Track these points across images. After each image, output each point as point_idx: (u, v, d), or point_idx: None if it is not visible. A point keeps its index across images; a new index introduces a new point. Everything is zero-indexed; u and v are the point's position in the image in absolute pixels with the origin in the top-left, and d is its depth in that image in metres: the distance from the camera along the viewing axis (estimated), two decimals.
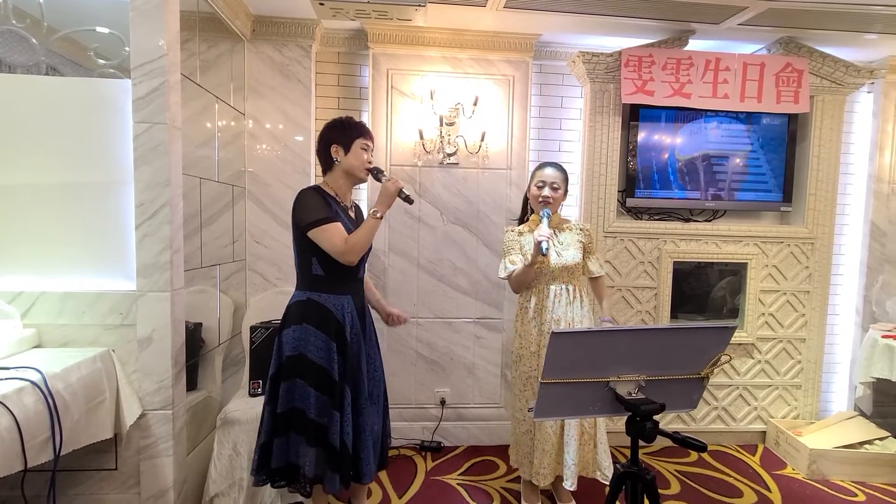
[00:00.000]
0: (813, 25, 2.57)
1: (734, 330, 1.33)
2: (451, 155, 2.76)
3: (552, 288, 2.11)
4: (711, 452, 2.88)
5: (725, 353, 1.31)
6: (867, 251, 3.01)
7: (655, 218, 2.95)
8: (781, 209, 2.94)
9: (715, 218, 2.99)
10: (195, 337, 2.22)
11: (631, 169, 2.82)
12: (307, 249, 1.79)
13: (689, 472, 2.65)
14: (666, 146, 2.85)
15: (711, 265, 3.03)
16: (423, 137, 2.71)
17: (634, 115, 2.80)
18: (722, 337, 1.30)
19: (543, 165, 2.17)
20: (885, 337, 2.69)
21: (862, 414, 2.87)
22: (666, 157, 2.86)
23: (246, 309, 2.62)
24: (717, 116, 2.84)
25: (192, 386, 2.16)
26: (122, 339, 1.73)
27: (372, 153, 1.89)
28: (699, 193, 2.88)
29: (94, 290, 1.73)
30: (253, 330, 2.28)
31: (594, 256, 2.23)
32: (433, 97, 2.71)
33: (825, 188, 2.91)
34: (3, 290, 1.70)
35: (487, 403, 2.93)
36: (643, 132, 2.82)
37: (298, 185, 2.66)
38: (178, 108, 1.79)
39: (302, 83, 2.69)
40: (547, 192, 2.10)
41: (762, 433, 3.00)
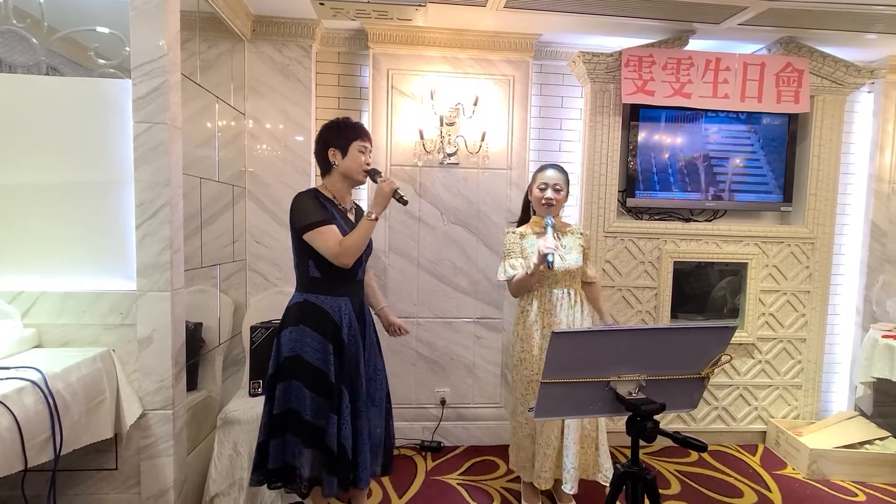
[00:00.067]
0: (813, 25, 2.57)
1: (735, 330, 1.33)
2: (451, 155, 2.76)
3: (555, 292, 2.10)
4: (712, 452, 2.88)
5: (726, 352, 1.31)
6: (867, 251, 3.01)
7: (656, 218, 2.95)
8: (782, 209, 2.94)
9: (715, 218, 2.99)
10: (195, 337, 2.22)
11: (631, 169, 2.82)
12: (304, 252, 1.79)
13: (689, 472, 2.65)
14: (666, 146, 2.85)
15: (712, 265, 3.03)
16: (423, 137, 2.71)
17: (635, 115, 2.80)
18: (722, 337, 1.30)
19: (545, 167, 2.16)
20: (885, 337, 2.69)
21: (862, 414, 2.87)
22: (666, 157, 2.86)
23: (246, 309, 2.62)
24: (717, 116, 2.84)
25: (192, 386, 2.16)
26: (122, 338, 1.74)
27: (370, 154, 1.88)
28: (699, 193, 2.88)
29: (94, 289, 1.73)
30: (253, 330, 2.29)
31: (590, 261, 2.26)
32: (433, 97, 2.71)
33: (825, 188, 2.90)
34: (3, 289, 1.70)
35: (487, 403, 2.93)
36: (643, 132, 2.82)
37: (298, 185, 2.68)
38: (178, 107, 1.79)
39: (302, 83, 2.69)
40: (550, 193, 2.09)
41: (762, 433, 3.00)
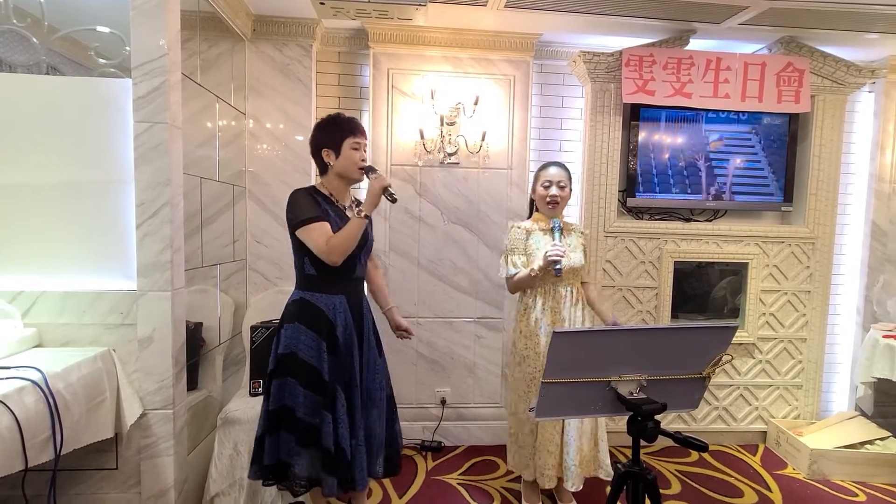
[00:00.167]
0: (814, 25, 2.57)
1: (735, 330, 1.33)
2: (451, 154, 2.75)
3: (559, 289, 2.11)
4: (712, 452, 2.87)
5: (727, 352, 1.31)
6: (868, 251, 3.01)
7: (656, 218, 2.95)
8: (782, 209, 2.94)
9: (716, 218, 2.99)
10: (196, 336, 2.23)
11: (631, 169, 2.82)
12: (300, 249, 1.79)
13: (689, 472, 2.65)
14: (666, 146, 2.85)
15: (712, 265, 3.03)
16: (423, 137, 2.70)
17: (635, 114, 2.80)
18: (723, 337, 1.30)
19: (547, 165, 2.17)
20: (886, 337, 2.69)
21: (863, 414, 2.87)
22: (666, 156, 2.86)
23: (246, 308, 2.62)
24: (717, 116, 2.84)
25: (192, 385, 2.16)
26: (122, 338, 1.74)
27: (365, 149, 1.85)
28: (700, 193, 2.87)
29: (94, 289, 1.73)
30: (253, 329, 2.28)
31: (587, 261, 2.27)
32: (434, 97, 2.71)
33: (826, 188, 2.90)
34: (3, 289, 1.70)
35: (488, 403, 2.93)
36: (644, 132, 2.82)
37: (299, 184, 2.63)
38: (178, 107, 1.79)
39: (302, 83, 2.69)
40: (554, 190, 2.10)
41: (763, 433, 3.00)
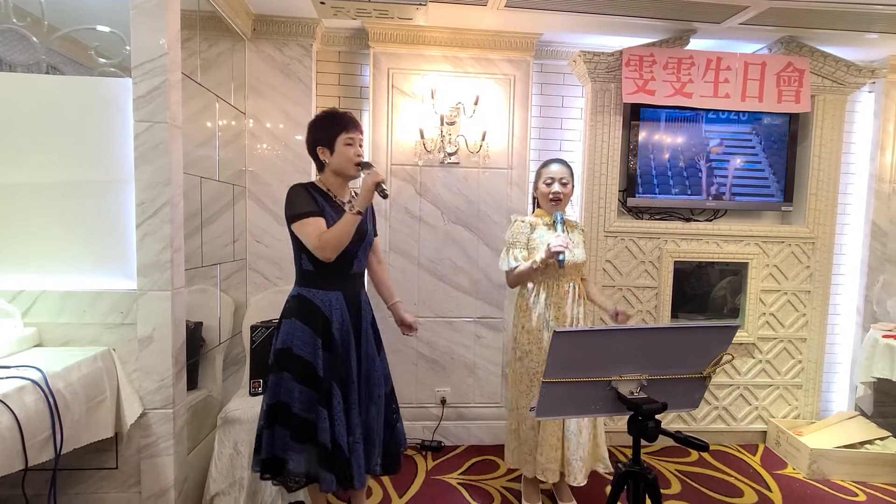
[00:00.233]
0: (814, 25, 2.57)
1: (736, 329, 1.34)
2: (451, 154, 2.75)
3: (563, 285, 2.12)
4: (712, 452, 2.87)
5: (727, 352, 1.31)
6: (868, 251, 3.01)
7: (656, 217, 2.95)
8: (782, 209, 2.94)
9: (716, 217, 2.99)
10: (196, 336, 2.22)
11: (632, 168, 2.82)
12: (298, 245, 1.79)
13: (689, 471, 2.65)
14: (667, 146, 2.85)
15: (712, 265, 3.03)
16: (423, 137, 2.70)
17: (635, 114, 2.80)
18: (724, 336, 1.30)
19: (549, 162, 2.18)
20: (885, 337, 2.69)
21: (863, 414, 2.87)
22: (667, 156, 2.85)
23: (246, 308, 2.62)
24: (718, 116, 2.84)
25: (192, 385, 2.16)
26: (122, 338, 1.73)
27: (360, 144, 1.82)
28: (700, 193, 2.87)
29: (94, 289, 1.73)
30: (253, 329, 2.28)
31: None
32: (434, 96, 2.70)
33: (826, 188, 2.90)
34: (3, 288, 1.70)
35: (488, 403, 2.93)
36: (644, 132, 2.82)
37: None
38: (178, 106, 1.78)
39: (303, 82, 2.69)
40: (557, 187, 2.11)
41: (763, 433, 3.00)
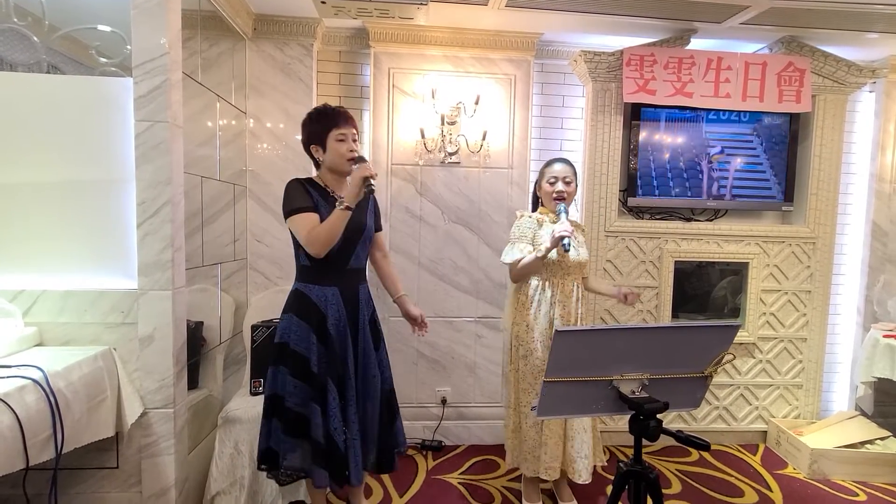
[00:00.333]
0: (815, 25, 2.57)
1: (738, 329, 1.33)
2: (452, 154, 2.75)
3: (567, 283, 2.12)
4: (712, 452, 2.87)
5: (729, 351, 1.31)
6: (869, 251, 3.01)
7: (657, 217, 2.95)
8: (783, 209, 2.94)
9: (716, 217, 2.99)
10: (196, 336, 2.22)
11: (632, 168, 2.82)
12: (295, 240, 1.80)
13: (690, 471, 2.65)
14: (667, 146, 2.85)
15: (713, 265, 3.03)
16: (424, 136, 2.70)
17: (636, 114, 2.80)
18: (725, 335, 1.30)
19: (552, 161, 2.18)
20: (886, 336, 2.69)
21: (863, 413, 2.87)
22: (667, 156, 2.85)
23: (247, 308, 2.62)
24: (718, 116, 2.84)
25: (193, 385, 2.16)
26: (123, 337, 1.73)
27: (354, 139, 1.80)
28: (700, 193, 2.87)
29: (95, 288, 1.73)
30: (254, 329, 2.28)
31: None
32: (435, 96, 2.70)
33: (827, 188, 2.90)
34: (4, 288, 1.70)
35: (489, 403, 2.93)
36: (645, 131, 2.82)
37: None
38: (179, 106, 1.78)
39: (303, 82, 2.69)
40: (560, 186, 2.11)
41: (763, 433, 3.00)
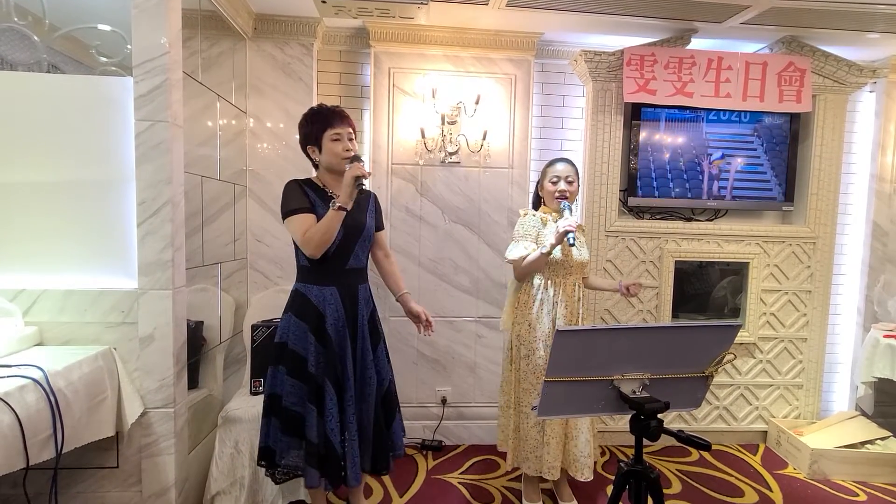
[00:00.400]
0: (815, 24, 2.57)
1: (739, 328, 1.33)
2: (452, 154, 2.75)
3: (570, 283, 2.12)
4: (713, 452, 2.87)
5: (730, 351, 1.31)
6: (869, 251, 3.01)
7: (657, 217, 2.95)
8: (783, 208, 2.94)
9: (716, 217, 2.99)
10: (196, 335, 2.22)
11: (632, 168, 2.82)
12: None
13: (690, 471, 2.65)
14: (667, 145, 2.85)
15: (713, 264, 3.03)
16: (424, 136, 2.70)
17: (636, 114, 2.80)
18: (726, 335, 1.30)
19: (554, 161, 2.19)
20: (886, 337, 2.69)
21: (863, 414, 2.87)
22: (667, 156, 2.85)
23: (247, 307, 2.62)
24: (719, 116, 2.84)
25: (193, 384, 2.16)
26: (123, 337, 1.73)
27: (349, 138, 1.79)
28: (701, 193, 2.87)
29: (95, 288, 1.73)
30: (254, 328, 2.28)
31: None
32: (435, 96, 2.70)
33: (827, 188, 2.90)
34: (4, 287, 1.70)
35: (489, 402, 2.93)
36: (645, 131, 2.82)
37: None
38: (179, 106, 1.78)
39: (303, 81, 2.68)
40: (563, 185, 2.12)
41: (763, 433, 3.00)
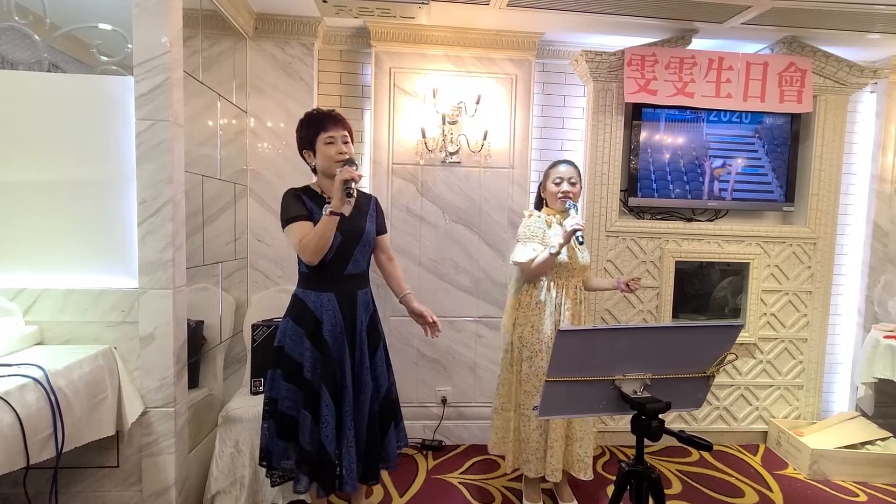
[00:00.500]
0: (816, 25, 2.57)
1: (741, 328, 1.33)
2: (453, 153, 2.75)
3: (572, 285, 2.13)
4: (713, 452, 2.87)
5: (731, 351, 1.31)
6: (869, 251, 3.01)
7: (657, 217, 2.95)
8: (784, 209, 2.93)
9: (717, 217, 2.99)
10: (197, 335, 2.22)
11: (633, 168, 2.82)
12: None
13: (690, 471, 2.65)
14: (668, 146, 2.85)
15: (713, 265, 3.03)
16: (425, 136, 2.70)
17: (637, 114, 2.80)
18: (728, 335, 1.30)
19: (557, 163, 2.20)
20: (886, 337, 2.69)
21: (863, 414, 2.87)
22: (668, 156, 2.85)
23: (247, 307, 2.62)
24: (719, 116, 2.84)
25: (193, 384, 2.16)
26: (124, 336, 1.73)
27: (344, 141, 1.78)
28: (701, 193, 2.87)
29: (96, 287, 1.73)
30: (254, 328, 2.28)
31: None
32: (436, 96, 2.70)
33: (828, 188, 2.90)
34: (5, 286, 1.69)
35: (489, 402, 2.92)
36: (646, 132, 2.82)
37: (300, 183, 2.62)
38: (180, 105, 1.78)
39: (304, 81, 2.68)
40: (566, 186, 2.13)
41: (763, 433, 3.00)
